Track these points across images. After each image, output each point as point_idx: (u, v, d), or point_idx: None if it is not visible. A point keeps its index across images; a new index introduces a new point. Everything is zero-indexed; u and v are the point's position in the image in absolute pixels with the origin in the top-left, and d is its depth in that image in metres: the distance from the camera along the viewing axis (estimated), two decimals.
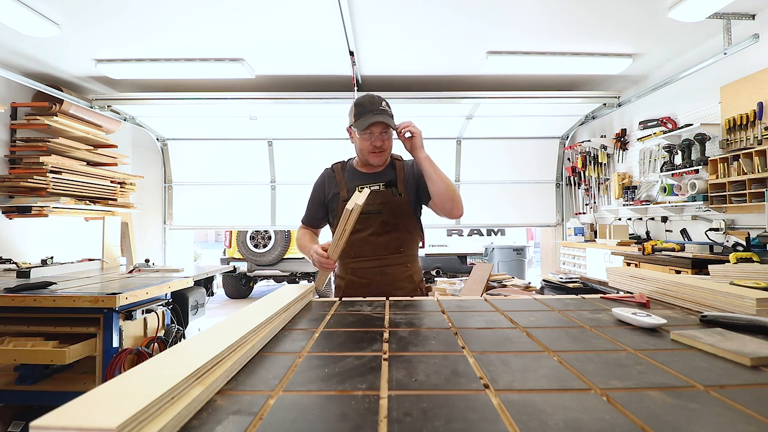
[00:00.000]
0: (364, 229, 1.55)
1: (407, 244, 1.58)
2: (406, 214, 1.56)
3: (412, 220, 1.59)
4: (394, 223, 1.54)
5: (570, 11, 2.80)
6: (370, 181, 1.59)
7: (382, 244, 1.54)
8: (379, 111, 1.47)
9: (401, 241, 1.57)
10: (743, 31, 2.84)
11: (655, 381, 0.51)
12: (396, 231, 1.56)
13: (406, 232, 1.58)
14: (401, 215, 1.55)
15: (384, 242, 1.55)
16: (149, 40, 3.16)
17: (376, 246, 1.54)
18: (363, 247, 1.55)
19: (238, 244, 6.77)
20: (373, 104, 1.49)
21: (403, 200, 1.56)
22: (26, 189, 3.38)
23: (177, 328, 2.49)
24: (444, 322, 0.83)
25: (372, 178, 1.60)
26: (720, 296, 0.88)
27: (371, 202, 1.49)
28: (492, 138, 5.13)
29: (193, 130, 4.93)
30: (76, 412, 0.35)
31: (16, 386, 1.95)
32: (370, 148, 1.52)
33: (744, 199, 2.78)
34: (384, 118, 1.47)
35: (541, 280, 2.95)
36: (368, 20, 2.92)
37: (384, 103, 1.51)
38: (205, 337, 0.60)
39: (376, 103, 1.49)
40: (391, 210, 1.54)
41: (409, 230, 1.59)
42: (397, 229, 1.56)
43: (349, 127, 1.59)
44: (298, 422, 0.42)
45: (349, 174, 1.63)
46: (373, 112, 1.47)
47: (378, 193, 1.55)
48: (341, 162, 1.70)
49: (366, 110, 1.48)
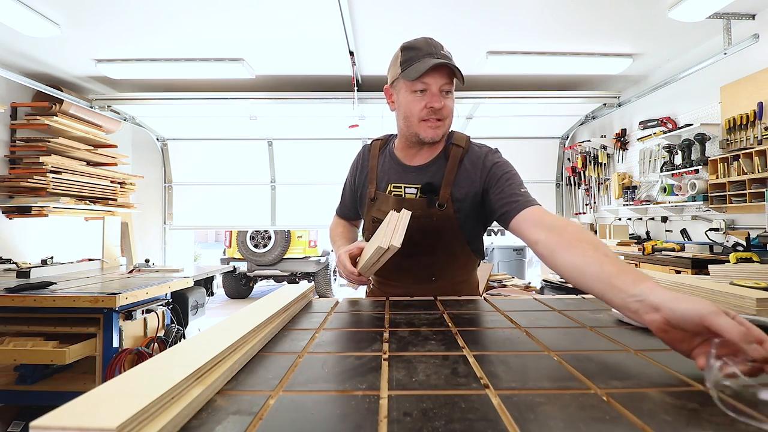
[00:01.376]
0: None
1: (445, 272, 1.17)
2: (447, 233, 1.11)
3: (458, 239, 1.13)
4: (427, 244, 1.12)
5: (570, 11, 2.80)
6: (408, 178, 1.14)
7: (407, 270, 1.17)
8: (440, 55, 1.03)
9: (435, 268, 1.17)
10: (743, 31, 2.84)
11: (655, 381, 0.51)
12: (429, 254, 1.14)
13: (447, 256, 1.15)
14: (439, 234, 1.11)
15: (409, 268, 1.16)
16: (149, 40, 3.16)
17: (398, 271, 1.17)
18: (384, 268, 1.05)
19: (238, 244, 6.77)
20: (434, 47, 1.04)
21: (444, 214, 1.09)
22: (26, 189, 3.38)
23: (177, 328, 2.49)
24: (444, 322, 0.83)
25: (411, 174, 1.14)
26: (720, 296, 0.88)
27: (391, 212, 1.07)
28: (492, 138, 5.12)
29: (193, 130, 4.93)
30: (76, 411, 0.35)
31: (16, 386, 1.95)
32: (423, 112, 1.05)
33: (744, 199, 2.78)
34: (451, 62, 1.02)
35: (541, 280, 2.95)
36: (368, 20, 2.92)
37: (446, 49, 1.06)
38: (205, 337, 0.60)
39: (438, 46, 1.05)
40: (421, 227, 1.09)
41: (452, 253, 1.15)
42: (432, 251, 1.13)
43: (389, 84, 1.13)
44: (298, 422, 0.42)
45: (384, 162, 1.20)
46: (433, 56, 1.02)
47: (406, 203, 1.11)
48: (383, 137, 1.27)
49: (422, 53, 1.03)
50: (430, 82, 1.03)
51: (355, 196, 1.27)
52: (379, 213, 1.17)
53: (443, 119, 1.07)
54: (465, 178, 1.10)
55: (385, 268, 1.08)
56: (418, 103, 1.05)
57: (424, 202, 1.09)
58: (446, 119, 1.08)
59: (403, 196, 1.14)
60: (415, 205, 1.09)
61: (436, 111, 1.05)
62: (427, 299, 1.08)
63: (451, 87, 1.06)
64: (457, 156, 1.11)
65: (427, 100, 1.04)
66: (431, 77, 1.03)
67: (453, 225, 1.10)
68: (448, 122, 1.09)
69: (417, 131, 1.08)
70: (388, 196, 1.16)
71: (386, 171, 1.18)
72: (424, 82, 1.03)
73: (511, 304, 1.01)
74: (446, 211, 1.09)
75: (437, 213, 1.09)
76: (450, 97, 1.07)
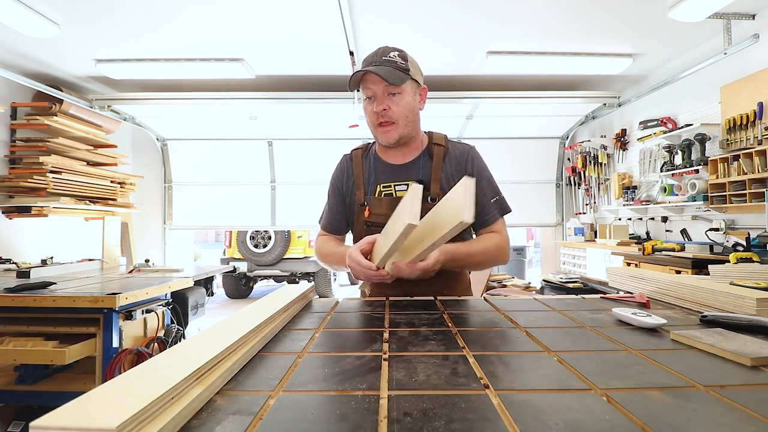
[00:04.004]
0: None
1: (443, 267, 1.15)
2: None
3: None
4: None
5: (570, 11, 2.80)
6: (396, 177, 1.19)
7: None
8: (382, 61, 1.07)
9: None
10: (743, 31, 2.84)
11: (655, 381, 0.51)
12: None
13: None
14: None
15: None
16: (149, 40, 3.16)
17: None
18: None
19: (238, 244, 6.77)
20: (377, 55, 1.09)
21: None
22: (26, 189, 3.38)
23: (177, 328, 2.49)
24: (444, 322, 0.83)
25: (398, 173, 1.19)
26: (720, 296, 0.88)
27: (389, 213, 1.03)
28: (492, 138, 5.13)
29: (193, 130, 4.93)
30: (76, 412, 0.35)
31: (16, 386, 1.95)
32: (374, 118, 1.12)
33: (744, 199, 2.78)
34: (380, 70, 1.05)
35: (541, 280, 2.95)
36: (368, 20, 2.92)
37: (395, 53, 1.09)
38: (205, 337, 0.60)
39: (381, 53, 1.09)
40: None
41: None
42: None
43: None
44: (298, 422, 0.42)
45: (369, 165, 1.24)
46: (372, 64, 1.08)
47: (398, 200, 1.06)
48: (363, 146, 1.30)
49: (365, 63, 1.09)
50: (373, 88, 1.08)
51: (344, 205, 1.29)
52: (373, 216, 1.19)
53: (394, 121, 1.11)
54: (451, 172, 1.16)
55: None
56: (369, 110, 1.12)
57: None
58: (398, 120, 1.11)
59: (395, 195, 1.18)
60: None
61: (381, 115, 1.10)
62: (427, 299, 1.08)
63: (397, 89, 1.09)
64: (440, 154, 1.18)
65: (374, 106, 1.10)
66: (372, 83, 1.08)
67: None
68: (402, 122, 1.13)
69: (376, 136, 1.16)
70: (380, 198, 1.19)
71: (373, 173, 1.22)
72: (368, 88, 1.09)
73: (511, 304, 1.01)
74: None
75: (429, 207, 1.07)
76: (397, 99, 1.10)
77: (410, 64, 1.13)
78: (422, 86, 1.18)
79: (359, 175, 1.23)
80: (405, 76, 1.09)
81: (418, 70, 1.17)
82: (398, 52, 1.10)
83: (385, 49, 1.11)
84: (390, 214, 1.03)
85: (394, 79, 1.07)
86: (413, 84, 1.14)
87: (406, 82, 1.10)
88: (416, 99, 1.16)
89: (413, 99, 1.15)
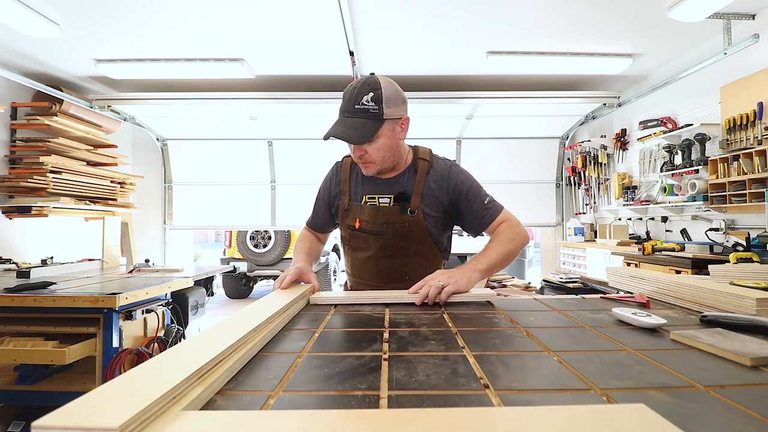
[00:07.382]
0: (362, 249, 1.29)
1: (417, 272, 1.20)
2: (418, 237, 1.25)
3: (427, 242, 1.27)
4: (400, 246, 1.25)
5: (570, 11, 2.80)
6: (381, 189, 1.27)
7: (382, 270, 1.29)
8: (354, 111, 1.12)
9: (408, 269, 1.27)
10: (743, 31, 2.84)
11: (655, 381, 0.51)
12: (402, 256, 1.27)
13: (418, 257, 1.28)
14: (410, 238, 1.24)
15: (384, 269, 1.28)
16: (149, 40, 3.16)
17: (375, 272, 1.30)
18: (362, 269, 1.32)
19: (238, 244, 6.77)
20: (350, 100, 1.12)
21: (415, 220, 1.23)
22: (26, 189, 3.38)
23: (177, 328, 2.49)
24: (444, 322, 0.83)
25: (383, 185, 1.28)
26: (720, 296, 0.89)
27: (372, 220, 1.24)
28: (492, 138, 5.12)
29: (193, 130, 4.93)
30: (78, 411, 0.35)
31: (16, 386, 1.95)
32: (355, 156, 1.20)
33: (744, 199, 2.78)
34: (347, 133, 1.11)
35: (541, 280, 2.94)
36: (368, 20, 2.92)
37: (368, 97, 1.10)
38: (205, 337, 0.60)
39: (355, 98, 1.11)
40: (395, 232, 1.23)
41: (422, 254, 1.28)
42: (404, 254, 1.26)
43: None
44: None
45: (357, 175, 1.32)
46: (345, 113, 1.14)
47: (381, 210, 1.24)
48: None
49: (341, 108, 1.16)
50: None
51: (331, 207, 1.39)
52: (354, 221, 1.29)
53: (370, 163, 1.19)
54: (432, 188, 1.25)
55: (363, 270, 1.30)
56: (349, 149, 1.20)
57: (397, 209, 1.24)
58: (376, 161, 1.19)
59: (378, 205, 1.27)
60: (390, 212, 1.24)
61: (359, 157, 1.18)
62: None
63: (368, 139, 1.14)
64: (424, 169, 1.26)
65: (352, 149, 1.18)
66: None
67: (422, 229, 1.24)
68: (381, 161, 1.20)
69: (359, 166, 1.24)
70: (363, 206, 1.28)
71: (360, 183, 1.31)
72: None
73: (511, 304, 1.02)
74: (416, 217, 1.23)
75: (409, 219, 1.23)
76: (373, 144, 1.15)
77: (386, 103, 1.12)
78: (403, 117, 1.19)
79: (345, 182, 1.33)
80: (375, 127, 1.12)
81: (398, 101, 1.16)
82: (372, 93, 1.10)
83: (360, 90, 1.11)
84: (372, 221, 1.24)
85: (362, 138, 1.12)
86: (390, 124, 1.15)
87: (376, 134, 1.13)
88: (396, 132, 1.19)
89: (391, 137, 1.17)
